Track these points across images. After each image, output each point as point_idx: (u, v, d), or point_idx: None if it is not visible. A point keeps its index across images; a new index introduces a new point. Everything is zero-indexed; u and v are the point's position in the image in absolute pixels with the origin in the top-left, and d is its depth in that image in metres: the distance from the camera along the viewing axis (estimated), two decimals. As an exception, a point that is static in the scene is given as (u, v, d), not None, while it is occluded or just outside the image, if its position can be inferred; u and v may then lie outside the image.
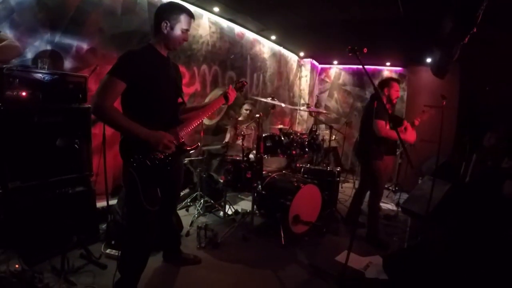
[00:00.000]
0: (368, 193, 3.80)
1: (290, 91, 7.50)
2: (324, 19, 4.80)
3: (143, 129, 1.90)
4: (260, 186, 3.69)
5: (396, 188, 5.95)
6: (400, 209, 4.60)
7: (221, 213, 4.12)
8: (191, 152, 2.30)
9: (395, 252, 3.27)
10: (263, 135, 3.86)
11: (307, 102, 7.76)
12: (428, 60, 5.93)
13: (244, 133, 3.98)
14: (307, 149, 4.26)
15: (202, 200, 4.18)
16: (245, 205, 4.63)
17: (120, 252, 2.21)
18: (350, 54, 2.49)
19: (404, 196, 5.05)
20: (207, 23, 4.75)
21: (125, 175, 2.03)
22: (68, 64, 3.12)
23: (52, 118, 2.62)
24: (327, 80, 8.12)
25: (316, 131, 4.71)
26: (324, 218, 4.00)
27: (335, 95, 7.99)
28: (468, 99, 5.77)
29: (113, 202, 3.14)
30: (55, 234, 2.58)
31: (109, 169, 2.94)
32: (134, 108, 1.97)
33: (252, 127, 4.39)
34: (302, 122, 8.01)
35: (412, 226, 4.19)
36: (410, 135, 3.89)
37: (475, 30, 3.49)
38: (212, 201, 4.22)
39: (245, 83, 2.67)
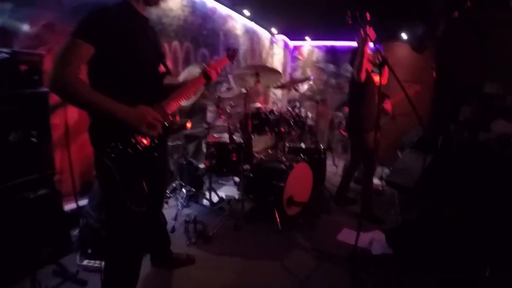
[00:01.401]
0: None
1: (263, 70, 7.05)
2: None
3: (119, 105, 1.42)
4: (248, 169, 3.30)
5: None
6: (384, 183, 4.47)
7: (205, 202, 3.70)
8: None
9: (397, 227, 3.09)
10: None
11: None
12: (404, 35, 5.74)
13: (230, 111, 3.53)
14: (293, 126, 3.92)
15: (184, 190, 3.72)
16: (228, 191, 4.21)
17: (103, 262, 1.73)
18: (350, 22, 2.33)
19: (385, 170, 5.00)
20: (177, -4, 4.16)
21: (99, 169, 1.56)
22: (20, 42, 2.47)
23: (2, 107, 2.03)
24: (300, 57, 7.75)
25: (300, 107, 4.34)
26: (315, 198, 3.71)
27: (309, 72, 7.66)
28: (444, 73, 5.71)
29: (84, 202, 2.60)
30: (19, 251, 2.04)
31: (75, 165, 2.48)
32: (106, 79, 1.49)
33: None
34: (276, 100, 7.63)
35: (401, 199, 4.06)
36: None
37: (469, 5, 3.25)
38: (194, 189, 3.78)
39: (237, 50, 2.26)
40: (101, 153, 1.44)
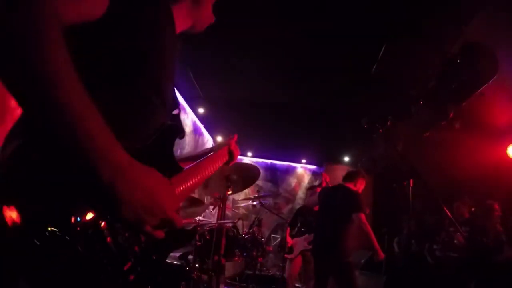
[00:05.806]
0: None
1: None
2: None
3: (115, 144, 0.55)
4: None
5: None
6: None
7: None
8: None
9: None
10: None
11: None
12: (346, 158, 5.71)
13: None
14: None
15: None
16: None
17: None
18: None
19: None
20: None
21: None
22: None
23: None
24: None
25: (259, 226, 3.53)
26: None
27: (246, 189, 6.93)
28: (380, 195, 5.72)
29: None
30: None
31: None
32: (100, 78, 0.67)
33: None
34: (208, 215, 6.50)
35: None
36: None
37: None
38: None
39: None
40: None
